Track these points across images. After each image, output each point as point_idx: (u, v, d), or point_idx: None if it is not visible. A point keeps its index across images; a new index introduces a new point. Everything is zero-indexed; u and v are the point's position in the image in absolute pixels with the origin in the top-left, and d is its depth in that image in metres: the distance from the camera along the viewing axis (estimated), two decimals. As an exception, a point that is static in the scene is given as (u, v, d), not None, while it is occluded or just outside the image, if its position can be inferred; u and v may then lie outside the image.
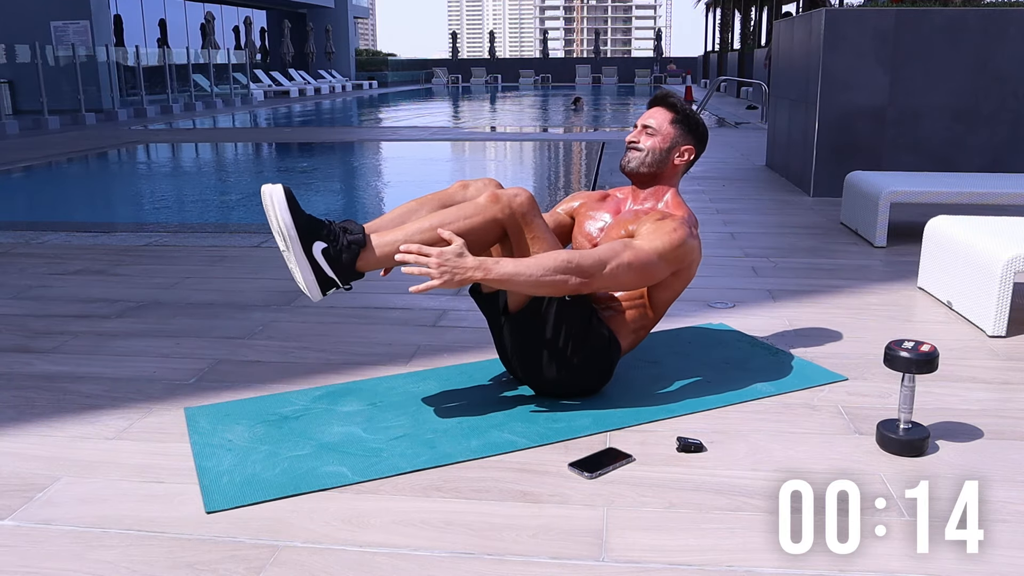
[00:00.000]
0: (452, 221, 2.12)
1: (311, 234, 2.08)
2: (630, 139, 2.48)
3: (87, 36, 17.46)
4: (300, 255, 2.06)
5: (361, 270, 2.12)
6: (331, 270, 2.08)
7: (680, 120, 2.45)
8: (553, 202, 7.20)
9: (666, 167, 2.45)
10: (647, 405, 2.32)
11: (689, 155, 2.47)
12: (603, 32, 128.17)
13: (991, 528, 1.70)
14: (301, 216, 2.09)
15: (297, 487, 1.89)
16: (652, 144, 2.43)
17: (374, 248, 2.10)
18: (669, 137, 2.44)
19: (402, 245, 2.04)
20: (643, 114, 2.51)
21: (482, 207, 2.14)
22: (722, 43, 34.32)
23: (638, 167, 2.45)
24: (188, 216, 6.63)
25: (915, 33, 5.71)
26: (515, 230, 2.16)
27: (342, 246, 2.08)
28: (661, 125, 2.45)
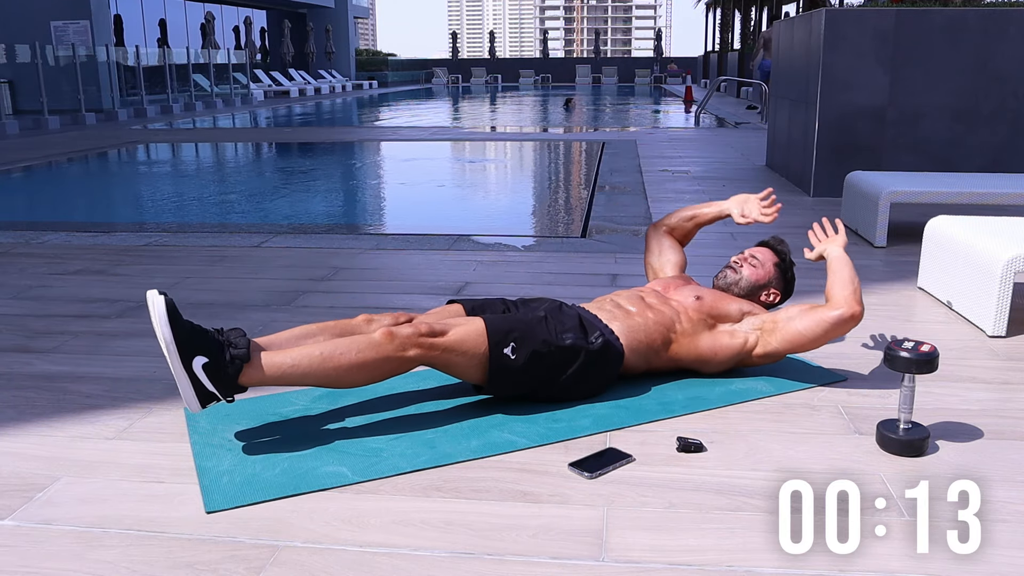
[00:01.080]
0: (343, 352, 2.08)
1: (192, 348, 1.99)
2: (734, 260, 2.67)
3: (87, 36, 17.46)
4: (179, 369, 1.98)
5: (244, 384, 2.06)
6: (211, 385, 2.00)
7: (782, 267, 2.67)
8: (555, 202, 7.22)
9: (753, 299, 2.63)
10: (647, 405, 2.32)
11: (775, 298, 2.67)
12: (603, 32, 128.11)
13: (991, 528, 1.70)
14: (183, 327, 2.00)
15: (297, 487, 1.89)
16: (752, 273, 2.64)
17: (262, 367, 2.04)
18: (767, 276, 2.65)
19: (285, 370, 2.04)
20: (752, 247, 2.72)
21: (375, 343, 2.10)
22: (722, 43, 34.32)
23: (727, 287, 2.65)
24: (188, 216, 6.63)
25: (915, 33, 5.71)
26: (423, 358, 2.15)
27: (224, 362, 2.01)
28: (765, 263, 2.66)
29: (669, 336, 2.44)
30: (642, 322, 2.42)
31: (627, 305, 2.49)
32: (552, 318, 2.34)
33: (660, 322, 2.44)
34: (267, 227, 5.51)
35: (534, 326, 2.28)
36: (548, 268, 4.05)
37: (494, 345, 2.19)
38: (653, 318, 2.44)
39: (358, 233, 5.66)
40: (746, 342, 2.47)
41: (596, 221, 5.22)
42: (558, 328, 2.31)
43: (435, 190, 7.88)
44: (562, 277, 3.86)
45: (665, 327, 2.44)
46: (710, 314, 2.49)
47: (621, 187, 6.62)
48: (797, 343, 2.43)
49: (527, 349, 2.22)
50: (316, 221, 6.21)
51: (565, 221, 6.21)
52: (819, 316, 2.42)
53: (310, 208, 6.81)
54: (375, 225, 6.45)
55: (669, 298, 2.54)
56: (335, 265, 4.09)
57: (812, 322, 2.41)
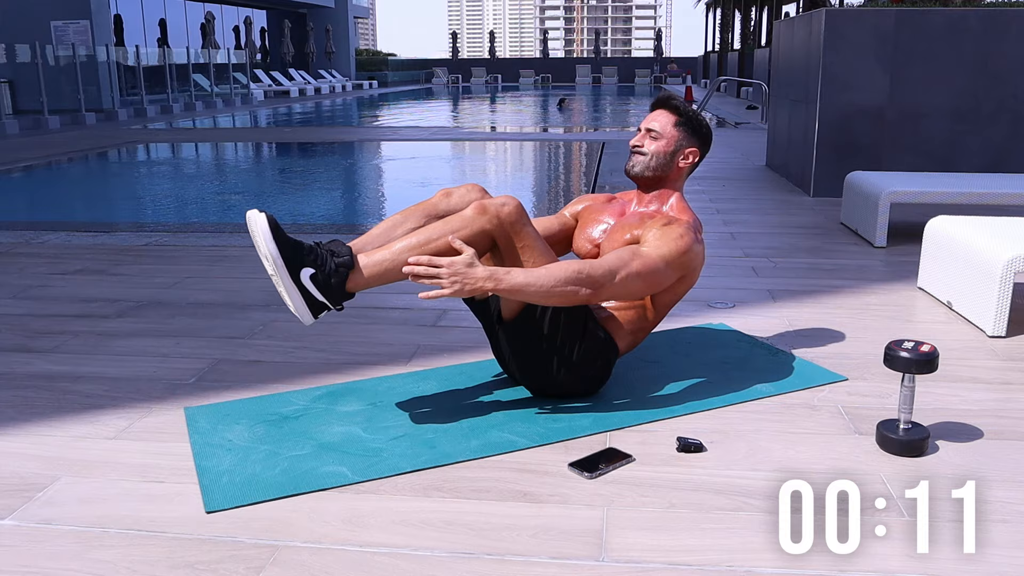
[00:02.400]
0: (439, 236, 2.09)
1: (298, 260, 2.04)
2: (634, 143, 2.46)
3: (87, 36, 17.46)
4: (288, 283, 2.03)
5: (352, 291, 2.10)
6: (321, 295, 2.06)
7: (684, 123, 2.44)
8: (554, 203, 7.21)
9: (671, 170, 2.44)
10: (647, 405, 2.32)
11: (694, 157, 2.46)
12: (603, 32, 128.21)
13: (991, 528, 1.71)
14: (287, 243, 2.05)
15: (297, 487, 1.89)
16: (656, 148, 2.42)
17: (363, 269, 2.08)
18: (673, 140, 2.43)
19: (411, 257, 2.03)
20: (646, 117, 2.50)
21: (469, 219, 2.11)
22: (722, 43, 34.32)
23: (642, 171, 2.43)
24: (188, 216, 6.63)
25: (915, 33, 5.71)
26: (504, 240, 2.14)
27: (330, 270, 2.05)
28: (665, 128, 2.43)
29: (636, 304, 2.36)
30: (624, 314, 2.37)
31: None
32: None
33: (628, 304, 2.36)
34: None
35: None
36: (548, 268, 4.04)
37: None
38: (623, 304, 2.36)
39: (358, 233, 5.63)
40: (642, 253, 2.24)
41: (596, 221, 5.20)
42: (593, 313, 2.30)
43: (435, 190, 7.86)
44: (562, 277, 3.86)
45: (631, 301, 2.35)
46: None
47: (621, 187, 6.62)
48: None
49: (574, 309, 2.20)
50: (316, 221, 6.21)
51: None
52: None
53: (310, 208, 6.80)
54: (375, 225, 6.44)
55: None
56: (335, 265, 4.08)
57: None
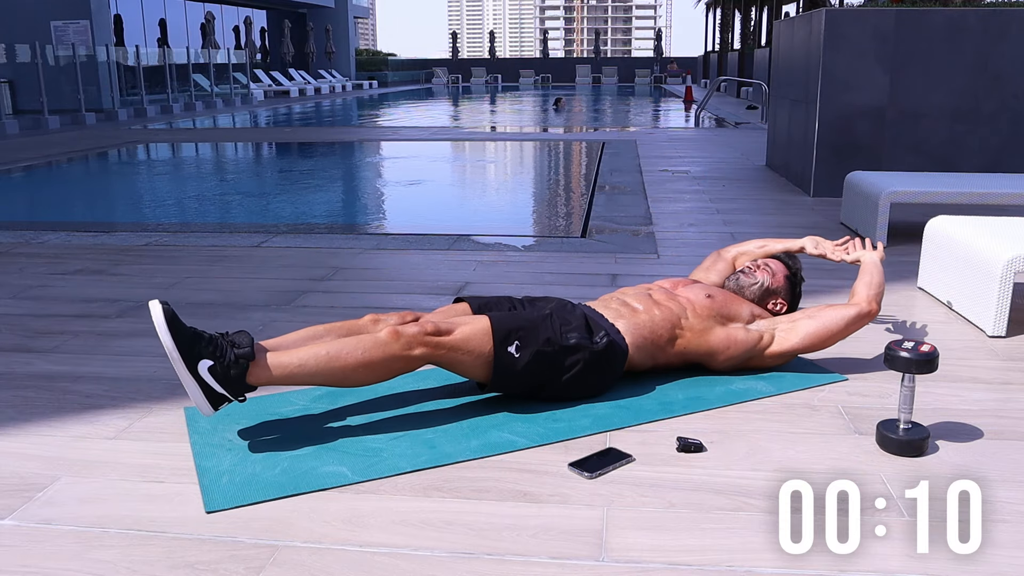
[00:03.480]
0: (350, 352, 2.09)
1: (196, 352, 2.01)
2: (748, 265, 2.74)
3: (87, 36, 17.46)
4: (185, 374, 1.99)
5: (253, 384, 2.06)
6: (219, 386, 2.02)
7: (792, 279, 2.75)
8: (554, 203, 7.22)
9: (761, 304, 2.69)
10: (647, 405, 2.32)
11: (782, 309, 2.72)
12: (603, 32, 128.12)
13: (991, 528, 1.70)
14: (184, 334, 2.01)
15: (297, 487, 1.89)
16: (764, 279, 2.70)
17: (269, 367, 2.05)
18: (779, 284, 2.71)
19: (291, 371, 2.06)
20: (764, 257, 2.82)
21: (381, 342, 2.11)
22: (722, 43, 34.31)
23: (740, 288, 2.70)
24: (188, 216, 6.63)
25: (915, 33, 5.71)
26: (429, 357, 2.16)
27: (229, 361, 2.02)
28: (777, 272, 2.73)
29: (675, 332, 2.45)
30: (648, 319, 2.43)
31: (633, 303, 2.49)
32: (557, 317, 2.35)
33: (666, 318, 2.45)
34: (267, 227, 5.51)
35: (539, 324, 2.29)
36: (548, 268, 4.05)
37: (499, 343, 2.20)
38: (659, 315, 2.45)
39: (358, 233, 5.66)
40: (761, 338, 2.52)
41: (596, 221, 5.21)
42: (563, 327, 2.31)
43: (435, 190, 7.88)
44: (562, 277, 3.86)
45: (671, 323, 2.45)
46: (720, 312, 2.52)
47: (621, 187, 6.62)
48: (816, 336, 2.52)
49: (531, 348, 2.23)
50: (316, 221, 6.21)
51: (565, 221, 6.21)
52: (839, 311, 2.54)
53: (310, 208, 6.81)
54: (375, 225, 6.45)
55: (677, 294, 2.56)
56: (335, 265, 4.09)
57: (830, 318, 2.53)
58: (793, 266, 2.79)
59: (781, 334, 2.53)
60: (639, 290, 2.60)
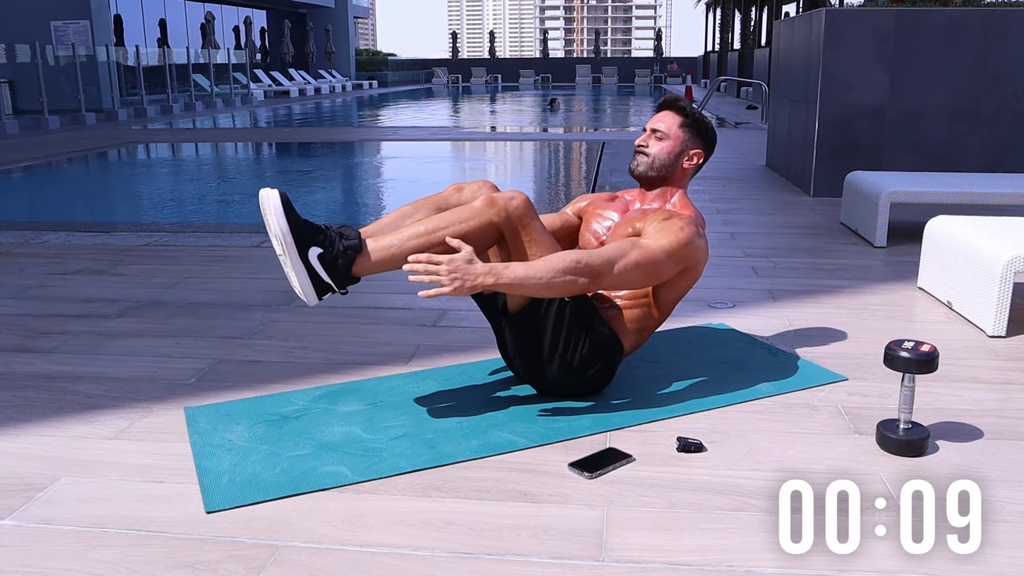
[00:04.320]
0: (447, 225, 2.11)
1: (307, 240, 2.08)
2: (639, 143, 2.48)
3: (87, 36, 17.46)
4: (296, 260, 2.05)
5: (357, 275, 2.12)
6: (327, 275, 2.08)
7: (689, 124, 2.46)
8: (554, 202, 7.21)
9: (675, 171, 2.46)
10: (647, 405, 2.32)
11: (698, 159, 2.48)
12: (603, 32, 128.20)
13: (991, 528, 1.70)
14: (297, 221, 2.08)
15: (297, 487, 1.89)
16: (661, 148, 2.44)
17: (370, 253, 2.10)
18: (678, 141, 2.45)
19: (410, 256, 2.04)
20: (652, 118, 2.51)
21: (477, 211, 2.13)
22: (722, 43, 34.32)
23: (646, 171, 2.45)
24: (188, 216, 6.63)
25: (915, 33, 5.71)
26: (512, 233, 2.16)
27: (338, 251, 2.07)
28: (670, 129, 2.45)
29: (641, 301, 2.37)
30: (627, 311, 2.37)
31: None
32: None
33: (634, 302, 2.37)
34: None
35: None
36: (548, 268, 4.04)
37: None
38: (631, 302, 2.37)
39: (358, 233, 5.64)
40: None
41: (596, 221, 5.20)
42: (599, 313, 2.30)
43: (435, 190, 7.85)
44: (562, 277, 3.85)
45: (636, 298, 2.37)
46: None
47: (622, 187, 6.61)
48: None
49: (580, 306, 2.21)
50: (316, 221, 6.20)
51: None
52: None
53: (310, 208, 6.80)
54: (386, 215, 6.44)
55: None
56: (335, 265, 4.08)
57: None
58: (681, 106, 2.48)
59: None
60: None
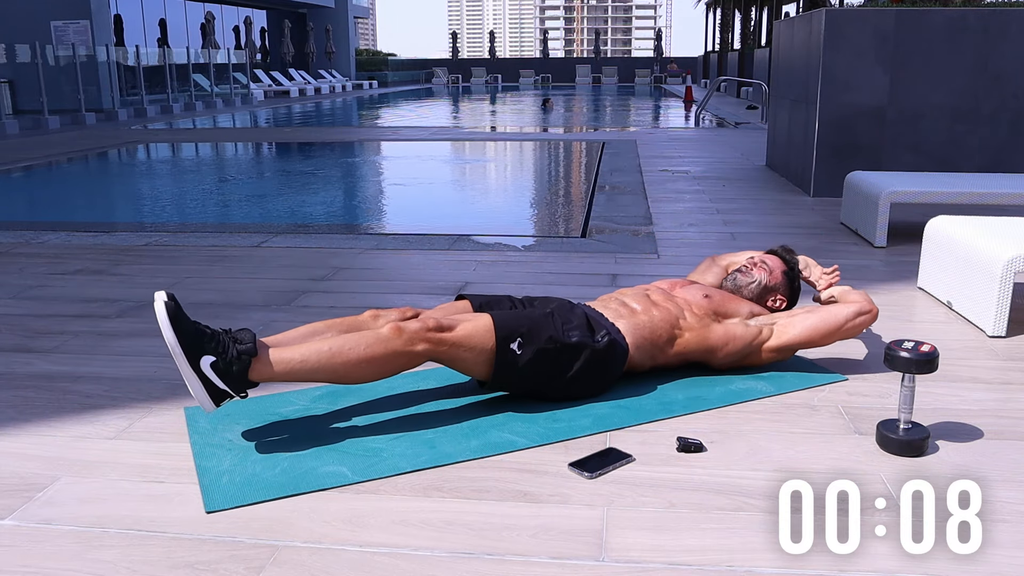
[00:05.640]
0: (352, 348, 2.08)
1: (198, 348, 2.00)
2: (745, 264, 2.73)
3: (87, 36, 17.45)
4: (188, 370, 1.99)
5: (255, 380, 2.06)
6: (221, 383, 2.02)
7: (790, 275, 2.73)
8: (554, 203, 7.22)
9: (760, 302, 2.68)
10: (647, 405, 2.32)
11: (781, 305, 2.71)
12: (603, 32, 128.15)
13: (991, 528, 1.70)
14: (187, 330, 2.01)
15: (297, 487, 1.89)
16: (762, 277, 2.69)
17: (271, 362, 2.05)
18: (776, 281, 2.71)
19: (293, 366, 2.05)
20: (761, 253, 2.79)
21: (383, 338, 2.11)
22: (722, 43, 34.32)
23: (738, 288, 2.69)
24: (188, 216, 6.63)
25: (915, 33, 5.71)
26: (430, 353, 2.16)
27: (232, 358, 2.01)
28: (774, 269, 2.72)
29: (674, 332, 2.46)
30: (647, 320, 2.43)
31: (632, 303, 2.50)
32: (559, 315, 2.35)
33: (665, 319, 2.45)
34: (267, 227, 5.51)
35: (541, 323, 2.29)
36: (548, 268, 4.05)
37: (501, 340, 2.19)
38: (658, 315, 2.45)
39: (358, 233, 5.66)
40: (760, 332, 2.52)
41: (596, 221, 5.21)
42: (565, 326, 2.32)
43: (435, 190, 7.88)
44: (562, 277, 3.86)
45: (670, 323, 2.45)
46: (718, 310, 2.54)
47: (621, 187, 6.62)
48: (815, 330, 2.51)
49: (534, 346, 2.23)
50: (316, 221, 6.21)
51: (565, 221, 6.21)
52: (836, 309, 2.54)
53: (310, 208, 6.80)
54: (375, 225, 6.45)
55: (674, 295, 2.57)
56: (335, 265, 4.09)
57: (830, 312, 2.53)
58: (790, 260, 2.77)
59: (780, 328, 2.54)
60: (637, 291, 2.60)
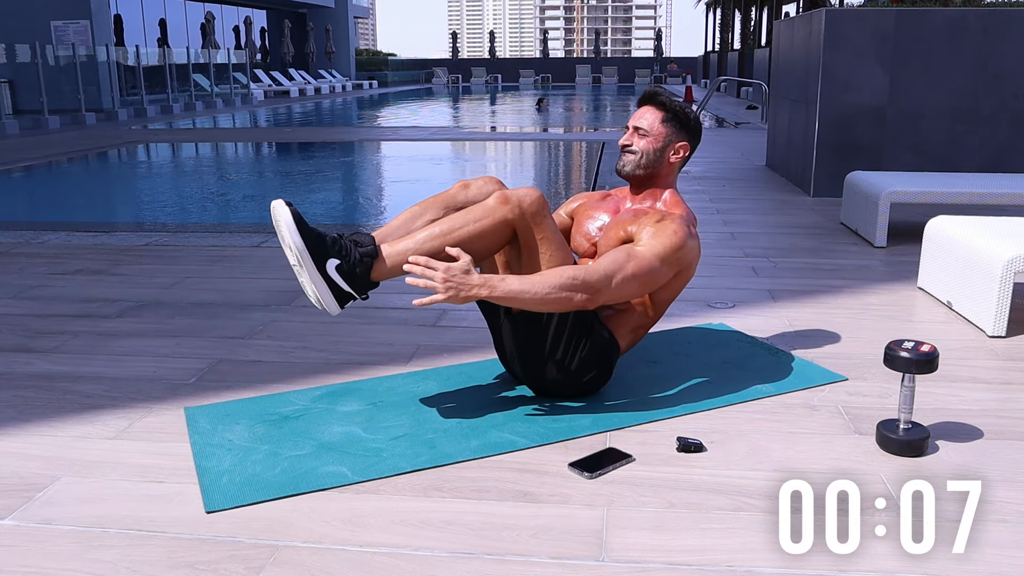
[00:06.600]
0: (462, 225, 2.12)
1: (323, 252, 2.08)
2: (623, 142, 2.47)
3: (87, 36, 17.46)
4: (315, 274, 2.06)
5: (376, 280, 2.13)
6: (347, 285, 2.09)
7: (671, 118, 2.43)
8: (555, 202, 7.21)
9: (662, 166, 2.44)
10: (647, 405, 2.32)
11: (684, 151, 2.45)
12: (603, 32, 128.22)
13: (991, 528, 1.71)
14: (311, 235, 2.08)
15: (297, 487, 1.89)
16: (645, 145, 2.42)
17: (386, 259, 2.11)
18: (661, 136, 2.42)
19: (410, 256, 2.05)
20: (633, 115, 2.49)
21: (491, 208, 2.13)
22: (722, 43, 34.33)
23: (633, 170, 2.44)
24: (188, 216, 6.63)
25: (915, 33, 5.71)
26: (525, 231, 2.16)
27: (355, 260, 2.08)
28: (652, 125, 2.42)
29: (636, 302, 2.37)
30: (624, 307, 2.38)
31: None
32: None
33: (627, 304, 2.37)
34: (267, 227, 5.49)
35: None
36: (548, 268, 4.04)
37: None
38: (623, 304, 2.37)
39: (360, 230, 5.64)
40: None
41: (596, 221, 5.20)
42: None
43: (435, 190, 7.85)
44: (562, 277, 3.85)
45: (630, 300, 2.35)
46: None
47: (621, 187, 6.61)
48: None
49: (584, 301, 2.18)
50: (316, 221, 6.19)
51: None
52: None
53: (310, 208, 6.80)
54: (375, 224, 6.45)
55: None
56: (335, 265, 4.08)
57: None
58: (661, 101, 2.44)
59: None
60: None
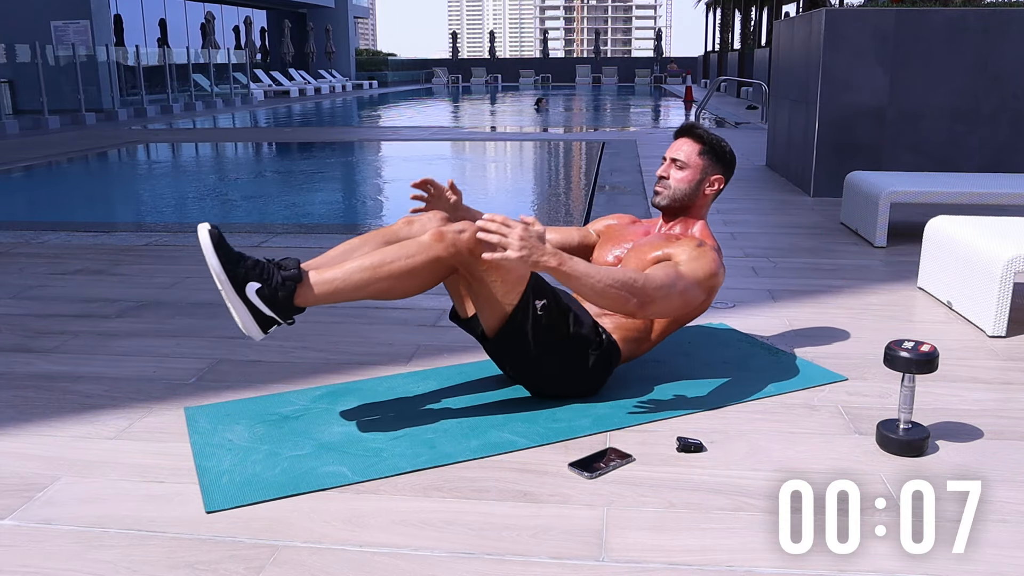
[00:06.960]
0: (393, 260, 2.07)
1: (242, 275, 2.01)
2: (660, 173, 2.51)
3: (87, 36, 17.46)
4: (234, 297, 2.00)
5: (301, 306, 2.07)
6: (268, 309, 2.03)
7: (708, 151, 2.47)
8: (554, 203, 7.22)
9: (697, 198, 2.49)
10: (647, 405, 2.32)
11: (719, 184, 2.49)
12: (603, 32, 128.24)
13: (991, 528, 1.71)
14: (232, 257, 2.02)
15: (297, 487, 1.89)
16: (682, 178, 2.46)
17: (313, 285, 2.05)
18: (698, 169, 2.47)
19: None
20: (670, 146, 2.53)
21: (425, 246, 2.09)
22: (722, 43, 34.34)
23: (670, 202, 2.48)
24: (188, 216, 6.63)
25: (915, 33, 5.71)
26: (466, 265, 2.12)
27: (276, 284, 2.02)
28: (690, 157, 2.46)
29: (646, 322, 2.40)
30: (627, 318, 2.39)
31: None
32: (574, 306, 2.32)
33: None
34: (267, 227, 5.51)
35: (570, 301, 2.28)
36: (548, 268, 4.04)
37: (530, 290, 2.16)
38: None
39: (358, 232, 5.64)
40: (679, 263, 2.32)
41: (596, 221, 5.20)
42: (583, 315, 2.30)
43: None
44: (562, 277, 3.86)
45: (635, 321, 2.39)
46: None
47: (621, 187, 6.62)
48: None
49: (553, 315, 2.20)
50: (316, 221, 6.21)
51: (565, 221, 6.20)
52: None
53: (310, 208, 6.81)
54: (375, 224, 6.45)
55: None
56: (335, 265, 4.08)
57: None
58: (699, 135, 2.48)
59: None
60: None
